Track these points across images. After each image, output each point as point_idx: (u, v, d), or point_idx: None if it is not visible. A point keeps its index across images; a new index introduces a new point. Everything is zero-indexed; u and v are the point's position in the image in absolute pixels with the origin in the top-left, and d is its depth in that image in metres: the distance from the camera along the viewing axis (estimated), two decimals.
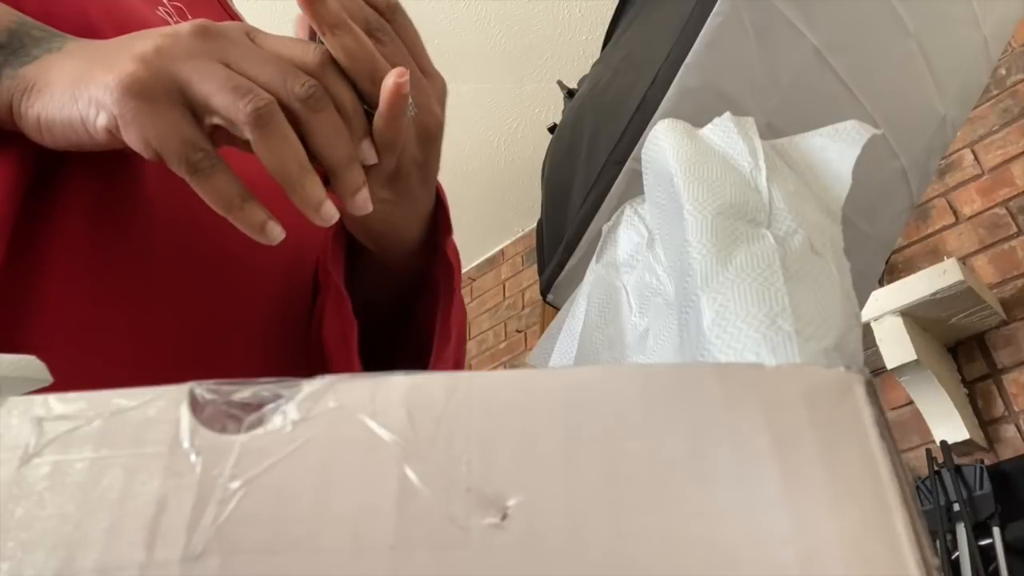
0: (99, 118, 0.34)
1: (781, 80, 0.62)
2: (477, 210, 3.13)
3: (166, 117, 0.34)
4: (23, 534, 0.16)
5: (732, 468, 0.16)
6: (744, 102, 0.61)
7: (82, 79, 0.35)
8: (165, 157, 0.34)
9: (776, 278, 0.26)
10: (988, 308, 1.75)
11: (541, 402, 0.18)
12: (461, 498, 0.16)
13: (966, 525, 1.57)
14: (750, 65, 0.61)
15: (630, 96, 0.64)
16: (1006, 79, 2.06)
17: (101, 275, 0.40)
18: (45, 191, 0.39)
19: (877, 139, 0.33)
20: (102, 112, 0.34)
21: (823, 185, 0.33)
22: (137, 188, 0.43)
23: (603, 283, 0.41)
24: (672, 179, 0.33)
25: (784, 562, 0.15)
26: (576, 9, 2.43)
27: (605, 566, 0.15)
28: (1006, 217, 1.90)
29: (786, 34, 0.61)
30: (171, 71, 0.34)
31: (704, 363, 0.25)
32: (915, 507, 0.16)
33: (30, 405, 0.18)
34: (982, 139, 2.03)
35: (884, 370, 1.72)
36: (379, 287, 0.50)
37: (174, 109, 0.34)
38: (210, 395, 0.18)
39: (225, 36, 0.36)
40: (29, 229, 0.38)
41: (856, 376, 0.18)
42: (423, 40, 0.43)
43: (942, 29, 0.71)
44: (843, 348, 0.24)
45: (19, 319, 0.37)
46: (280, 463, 0.17)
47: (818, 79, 0.64)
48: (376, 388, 0.18)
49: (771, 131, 0.40)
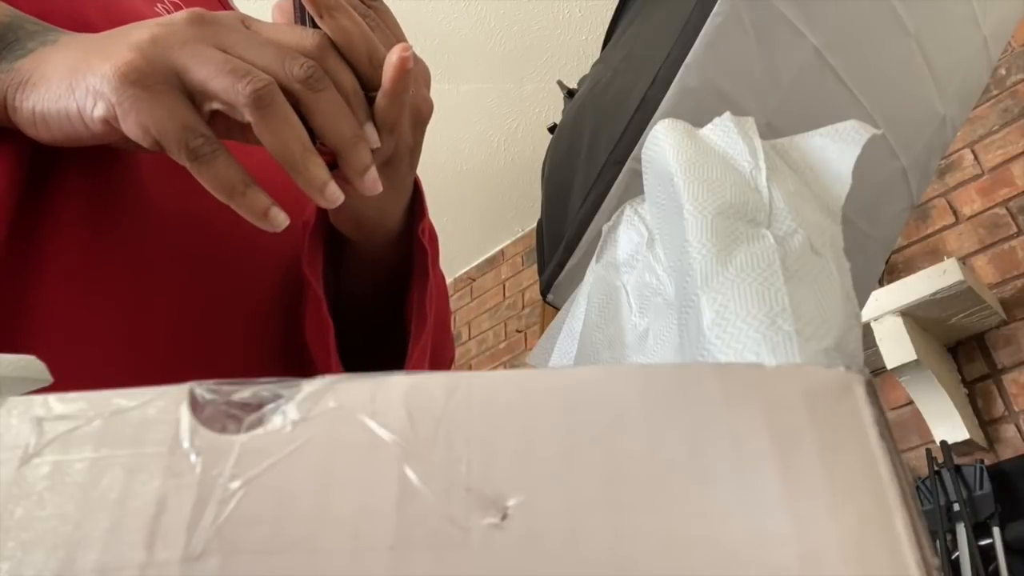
0: (96, 108, 0.34)
1: (781, 80, 0.62)
2: (477, 210, 3.13)
3: (164, 103, 0.33)
4: (23, 534, 0.16)
5: (732, 468, 0.16)
6: (744, 102, 0.61)
7: (78, 70, 0.35)
8: (164, 144, 0.34)
9: (776, 278, 0.26)
10: (988, 308, 1.75)
11: (541, 402, 0.18)
12: (461, 498, 0.16)
13: (966, 525, 1.57)
14: (750, 65, 0.61)
15: (630, 96, 0.64)
16: (1006, 79, 2.06)
17: (97, 272, 0.40)
18: (41, 188, 0.39)
19: (877, 139, 0.33)
20: (99, 102, 0.34)
21: (823, 185, 0.33)
22: (133, 186, 0.43)
23: (603, 283, 0.41)
24: (672, 179, 0.33)
25: (784, 562, 0.15)
26: (576, 9, 2.43)
27: (605, 566, 0.15)
28: (1006, 217, 1.90)
29: (786, 34, 0.61)
30: (168, 58, 0.34)
31: (704, 363, 0.25)
32: (915, 507, 0.16)
33: (30, 405, 0.18)
34: (982, 139, 2.03)
35: (884, 370, 1.72)
36: (362, 280, 0.50)
37: (172, 95, 0.34)
38: (210, 395, 0.18)
39: (221, 23, 0.36)
40: (25, 226, 0.38)
41: (856, 376, 0.18)
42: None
43: (942, 29, 0.71)
44: (843, 348, 0.24)
45: (14, 316, 0.37)
46: (280, 463, 0.17)
47: (818, 79, 0.64)
48: (376, 388, 0.18)
49: (771, 131, 0.40)
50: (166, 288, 0.43)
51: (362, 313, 0.50)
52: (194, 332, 0.44)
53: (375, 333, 0.52)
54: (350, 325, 0.48)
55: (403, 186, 0.46)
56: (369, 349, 0.51)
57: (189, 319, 0.43)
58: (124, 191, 0.42)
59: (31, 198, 0.39)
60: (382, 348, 0.51)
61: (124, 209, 0.42)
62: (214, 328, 0.45)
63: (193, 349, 0.43)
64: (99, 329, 0.39)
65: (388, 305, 0.51)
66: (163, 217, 0.43)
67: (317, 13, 0.36)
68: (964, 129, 2.01)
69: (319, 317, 0.45)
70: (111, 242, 0.41)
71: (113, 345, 0.40)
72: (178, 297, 0.43)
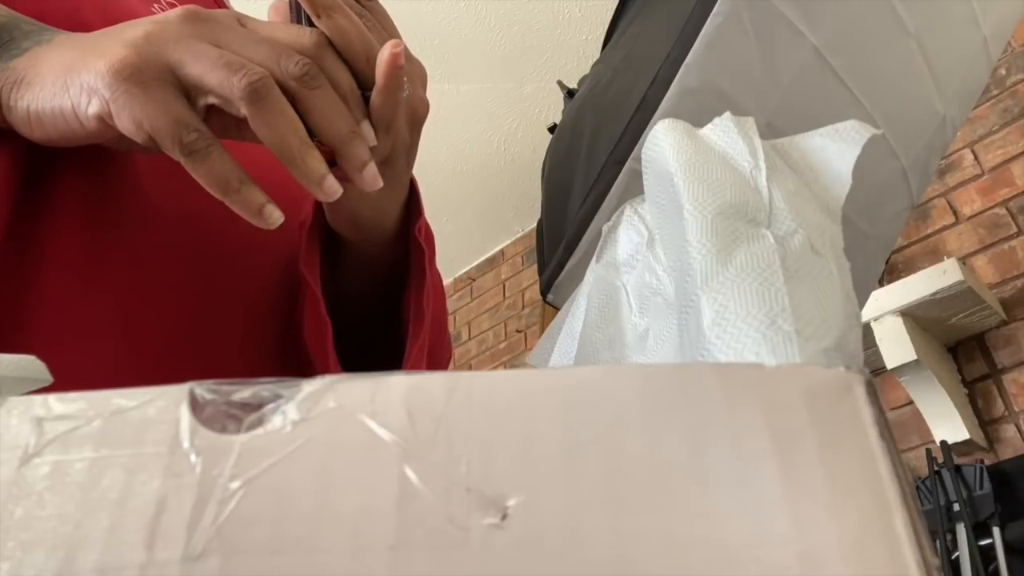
0: (91, 105, 0.34)
1: (781, 80, 0.62)
2: (477, 210, 3.13)
3: (158, 99, 0.33)
4: (23, 534, 0.16)
5: (732, 468, 0.16)
6: (744, 102, 0.61)
7: (73, 68, 0.35)
8: (158, 139, 0.33)
9: (776, 278, 0.26)
10: (988, 308, 1.75)
11: (541, 402, 0.18)
12: (461, 498, 0.16)
13: (966, 525, 1.57)
14: (750, 65, 0.61)
15: (630, 96, 0.64)
16: (1006, 79, 2.06)
17: (96, 270, 0.40)
18: (39, 188, 0.39)
19: (877, 139, 0.33)
20: (94, 99, 0.34)
21: (823, 185, 0.33)
22: (130, 185, 0.43)
23: (603, 283, 0.41)
24: (672, 179, 0.33)
25: (784, 562, 0.15)
26: (576, 9, 2.43)
27: (605, 566, 0.15)
28: (1006, 217, 1.90)
29: (786, 34, 0.61)
30: (162, 54, 0.34)
31: (704, 363, 0.25)
32: (915, 507, 0.16)
33: (30, 405, 0.18)
34: (982, 139, 2.03)
35: (884, 370, 1.72)
36: (359, 280, 0.50)
37: (166, 91, 0.34)
38: (210, 395, 0.18)
39: (216, 20, 0.36)
40: (24, 225, 0.38)
41: (856, 376, 0.18)
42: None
43: (942, 29, 0.71)
44: (843, 348, 0.24)
45: (14, 314, 0.37)
46: (280, 463, 0.17)
47: (818, 79, 0.64)
48: (376, 388, 0.18)
49: (771, 131, 0.40)
50: (164, 285, 0.43)
51: (360, 313, 0.50)
52: (192, 328, 0.44)
53: (373, 333, 0.52)
54: (347, 326, 0.48)
55: (400, 185, 0.46)
56: (366, 349, 0.51)
57: (187, 316, 0.43)
58: (121, 190, 0.42)
59: (28, 198, 0.39)
60: (379, 348, 0.51)
61: (121, 208, 0.42)
62: (212, 324, 0.45)
63: (191, 345, 0.43)
64: (98, 326, 0.39)
65: (385, 305, 0.51)
66: (160, 215, 0.43)
67: (315, 12, 0.36)
68: (964, 129, 2.01)
69: (317, 316, 0.45)
70: (109, 241, 0.41)
71: (112, 341, 0.40)
72: (176, 294, 0.43)
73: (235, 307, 0.47)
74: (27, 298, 0.37)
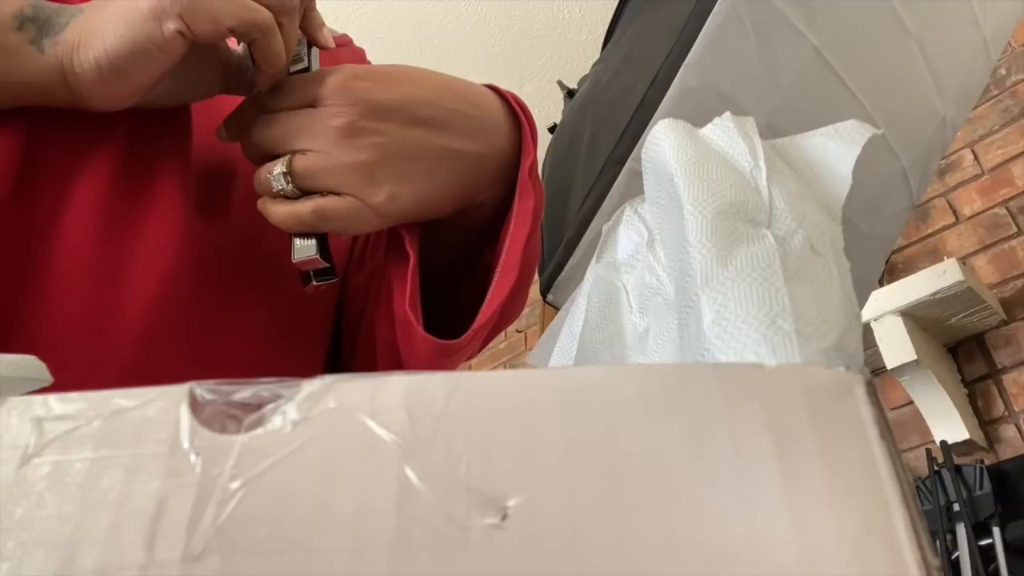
0: (166, 26, 0.37)
1: (781, 80, 0.62)
2: None
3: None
4: (23, 534, 0.16)
5: (732, 468, 0.16)
6: (744, 102, 0.61)
7: (128, 9, 0.37)
8: (237, 29, 0.38)
9: (776, 278, 0.26)
10: (988, 308, 1.75)
11: (541, 402, 0.18)
12: (461, 498, 0.16)
13: (966, 525, 1.57)
14: (750, 65, 0.61)
15: (630, 96, 0.64)
16: (1006, 79, 2.06)
17: (101, 270, 0.40)
18: (48, 184, 0.39)
19: (877, 139, 0.33)
20: (166, 20, 0.37)
21: (823, 185, 0.33)
22: (142, 181, 0.43)
23: (603, 283, 0.41)
24: (672, 179, 0.33)
25: (784, 562, 0.15)
26: (576, 9, 2.43)
27: (605, 566, 0.15)
28: (1006, 217, 1.90)
29: (786, 34, 0.61)
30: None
31: (704, 363, 0.25)
32: (915, 507, 0.16)
33: (30, 405, 0.18)
34: (982, 139, 2.03)
35: (884, 370, 1.72)
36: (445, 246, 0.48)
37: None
38: (210, 395, 0.18)
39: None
40: (32, 224, 0.38)
41: (856, 376, 0.18)
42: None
43: (942, 29, 0.71)
44: (843, 348, 0.24)
45: (13, 314, 0.37)
46: (280, 463, 0.17)
47: (818, 79, 0.64)
48: (376, 388, 0.18)
49: (771, 131, 0.40)
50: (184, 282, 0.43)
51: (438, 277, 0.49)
52: (190, 330, 0.43)
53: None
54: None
55: (444, 162, 0.43)
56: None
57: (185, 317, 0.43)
58: (134, 187, 0.42)
59: (41, 194, 0.39)
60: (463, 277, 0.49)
61: (135, 204, 0.42)
62: (209, 326, 0.45)
63: (188, 347, 0.43)
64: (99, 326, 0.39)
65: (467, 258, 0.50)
66: (167, 214, 0.43)
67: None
68: (964, 129, 2.01)
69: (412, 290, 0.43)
70: (130, 236, 0.41)
71: (129, 337, 0.40)
72: (198, 292, 0.43)
73: (235, 308, 0.46)
74: (27, 297, 0.37)
